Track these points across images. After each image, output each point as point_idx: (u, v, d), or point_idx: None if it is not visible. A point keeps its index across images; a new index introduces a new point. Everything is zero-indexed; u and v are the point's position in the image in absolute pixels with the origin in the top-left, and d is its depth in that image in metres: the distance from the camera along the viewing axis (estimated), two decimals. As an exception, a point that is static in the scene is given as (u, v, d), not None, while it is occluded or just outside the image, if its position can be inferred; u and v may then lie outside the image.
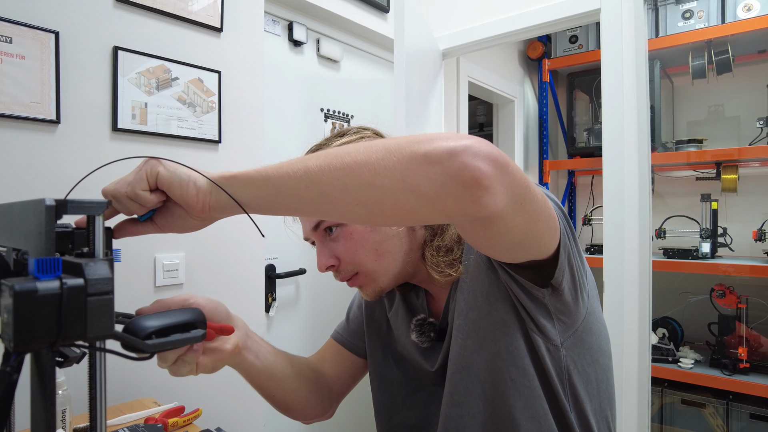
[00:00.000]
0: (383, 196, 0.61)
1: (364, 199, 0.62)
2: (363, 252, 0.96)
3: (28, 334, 0.52)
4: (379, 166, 0.60)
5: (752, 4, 2.19)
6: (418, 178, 0.58)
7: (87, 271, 0.56)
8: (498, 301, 0.89)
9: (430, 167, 0.58)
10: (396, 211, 0.62)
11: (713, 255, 2.53)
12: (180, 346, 0.70)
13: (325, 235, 0.97)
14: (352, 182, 0.62)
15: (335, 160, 0.63)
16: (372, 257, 0.96)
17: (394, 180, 0.59)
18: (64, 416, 1.17)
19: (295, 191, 0.67)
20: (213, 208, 0.78)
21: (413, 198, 0.60)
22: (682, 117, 2.89)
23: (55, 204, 0.59)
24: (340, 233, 0.95)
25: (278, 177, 0.69)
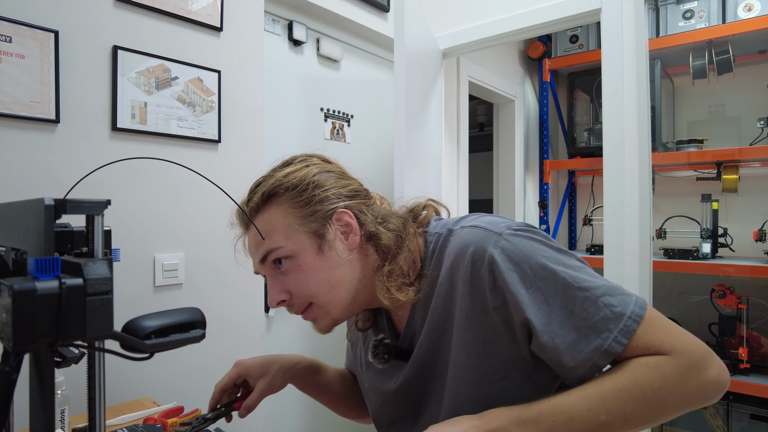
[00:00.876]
0: (660, 419, 0.77)
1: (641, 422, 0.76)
2: (314, 283, 0.93)
3: (27, 334, 0.52)
4: (670, 401, 0.76)
5: (753, 4, 2.19)
6: (696, 403, 0.78)
7: (86, 271, 0.56)
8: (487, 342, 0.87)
9: (707, 398, 0.79)
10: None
11: (714, 255, 2.53)
12: (179, 346, 0.69)
13: (274, 268, 0.95)
14: (644, 416, 0.76)
15: (632, 403, 0.75)
16: (324, 288, 0.93)
17: (677, 409, 0.77)
18: (63, 416, 1.17)
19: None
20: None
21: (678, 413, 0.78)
22: (682, 117, 2.89)
23: (54, 203, 0.59)
24: (290, 266, 0.93)
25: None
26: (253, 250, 0.98)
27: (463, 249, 0.87)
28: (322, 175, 0.98)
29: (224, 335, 2.01)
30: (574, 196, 4.16)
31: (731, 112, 2.71)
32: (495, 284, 0.82)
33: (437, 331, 0.93)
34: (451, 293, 0.89)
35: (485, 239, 0.85)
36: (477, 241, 0.86)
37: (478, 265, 0.84)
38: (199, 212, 1.92)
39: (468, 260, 0.85)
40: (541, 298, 0.79)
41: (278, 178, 0.96)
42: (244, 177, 2.07)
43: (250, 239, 0.98)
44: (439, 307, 0.91)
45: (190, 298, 1.90)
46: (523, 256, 0.81)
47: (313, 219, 0.93)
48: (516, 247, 0.82)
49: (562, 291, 0.79)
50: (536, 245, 0.82)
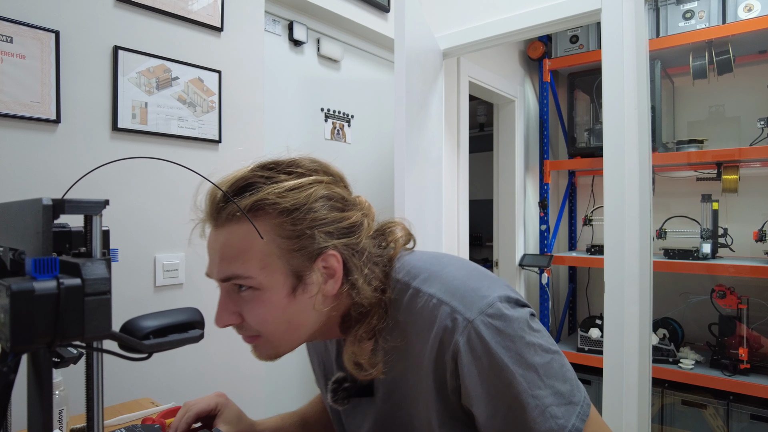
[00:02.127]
0: None
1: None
2: (273, 321, 0.84)
3: (25, 334, 0.52)
4: None
5: (753, 4, 2.19)
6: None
7: (84, 271, 0.56)
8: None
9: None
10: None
11: (714, 255, 2.53)
12: (178, 346, 0.69)
13: (233, 288, 0.86)
14: None
15: None
16: (282, 328, 0.85)
17: None
18: (61, 417, 1.17)
19: None
20: None
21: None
22: (682, 117, 2.89)
23: (53, 203, 0.59)
24: (252, 296, 0.83)
25: None
26: (215, 257, 0.86)
27: (430, 326, 0.82)
28: (323, 204, 0.86)
29: (223, 335, 2.01)
30: (574, 196, 4.16)
31: (731, 112, 2.71)
32: (455, 371, 0.80)
33: (402, 388, 0.88)
34: (417, 361, 0.84)
35: (454, 325, 0.79)
36: (445, 324, 0.80)
37: (443, 349, 0.80)
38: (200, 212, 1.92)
39: (434, 341, 0.81)
40: (493, 394, 0.78)
41: (274, 193, 0.83)
42: (244, 177, 2.07)
43: (218, 241, 0.85)
44: (405, 368, 0.87)
45: (191, 298, 1.90)
46: (485, 352, 0.77)
47: (297, 255, 0.83)
48: (482, 339, 0.78)
49: (514, 397, 0.77)
50: (503, 341, 0.78)
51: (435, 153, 2.62)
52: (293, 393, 2.54)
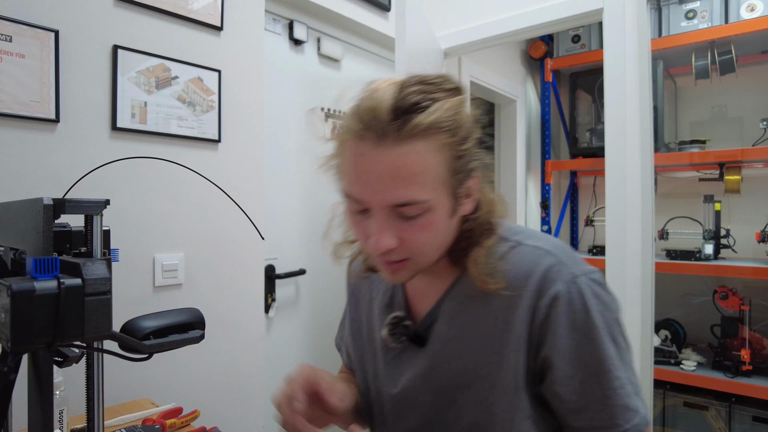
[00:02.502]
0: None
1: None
2: (433, 244, 0.81)
3: (25, 334, 0.52)
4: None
5: (755, 4, 2.19)
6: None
7: (85, 271, 0.56)
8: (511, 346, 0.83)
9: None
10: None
11: (716, 256, 2.52)
12: (178, 346, 0.69)
13: (399, 213, 0.77)
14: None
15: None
16: (435, 250, 0.83)
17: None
18: (61, 417, 1.17)
19: None
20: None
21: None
22: (685, 117, 2.89)
23: (53, 203, 0.59)
24: (421, 220, 0.77)
25: None
26: (385, 179, 0.75)
27: (529, 272, 0.82)
28: (473, 123, 0.82)
29: (224, 336, 2.01)
30: (576, 196, 4.16)
31: (734, 112, 2.71)
32: (546, 319, 0.80)
33: (470, 339, 0.87)
34: (504, 310, 0.84)
35: (559, 273, 0.81)
36: (548, 270, 0.82)
37: (540, 294, 0.81)
38: (199, 212, 1.91)
39: (533, 286, 0.81)
40: (578, 353, 0.79)
41: (446, 110, 0.76)
42: (244, 177, 2.07)
43: (388, 162, 0.74)
44: (482, 317, 0.86)
45: (190, 298, 1.89)
46: (583, 308, 0.79)
47: (458, 176, 0.79)
48: (582, 295, 0.80)
49: (599, 361, 0.79)
50: (599, 306, 0.80)
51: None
52: (294, 393, 2.53)
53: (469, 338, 0.86)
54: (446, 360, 0.88)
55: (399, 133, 0.73)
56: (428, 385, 0.90)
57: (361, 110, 0.76)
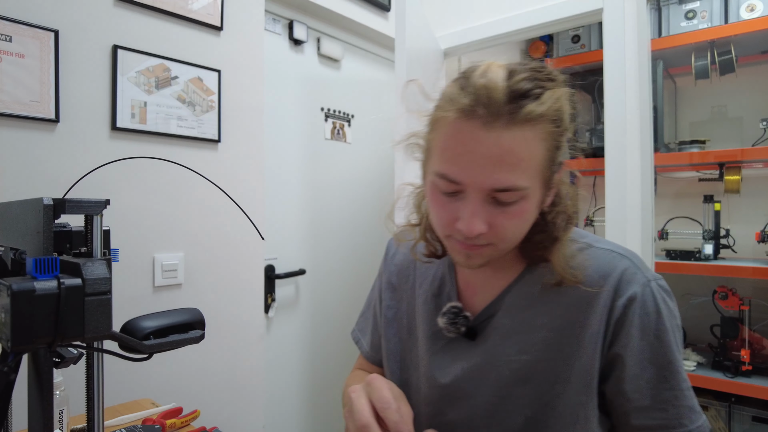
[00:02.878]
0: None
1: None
2: (521, 232, 0.81)
3: (25, 334, 0.52)
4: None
5: (755, 4, 2.19)
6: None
7: (85, 271, 0.56)
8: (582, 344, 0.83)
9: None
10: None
11: (716, 256, 2.52)
12: (178, 346, 0.69)
13: (495, 197, 0.75)
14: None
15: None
16: (517, 238, 0.82)
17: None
18: (61, 417, 1.17)
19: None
20: None
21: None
22: (684, 118, 2.88)
23: (53, 203, 0.59)
24: (517, 208, 0.76)
25: None
26: (493, 162, 0.73)
27: (606, 273, 0.84)
28: (571, 116, 0.81)
29: (223, 336, 2.01)
30: (575, 196, 4.15)
31: (734, 112, 2.71)
32: (621, 318, 0.81)
33: (535, 334, 0.86)
34: (584, 310, 0.83)
35: (634, 276, 0.83)
36: (625, 272, 0.83)
37: (617, 295, 0.82)
38: (199, 212, 1.91)
39: (610, 286, 0.82)
40: (647, 353, 0.80)
41: (555, 100, 0.74)
42: (243, 177, 2.07)
43: (499, 146, 0.72)
44: (561, 314, 0.85)
45: (190, 298, 1.89)
46: (656, 311, 0.81)
47: (552, 167, 0.79)
48: (655, 300, 0.81)
49: (668, 362, 0.80)
50: (668, 311, 0.82)
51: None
52: (293, 393, 2.54)
53: (533, 333, 0.86)
54: (506, 354, 0.87)
55: (511, 117, 0.71)
56: (483, 378, 0.88)
57: (474, 87, 0.73)
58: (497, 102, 0.70)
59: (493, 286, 0.92)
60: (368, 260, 2.92)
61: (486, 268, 0.90)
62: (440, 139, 0.78)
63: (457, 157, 0.75)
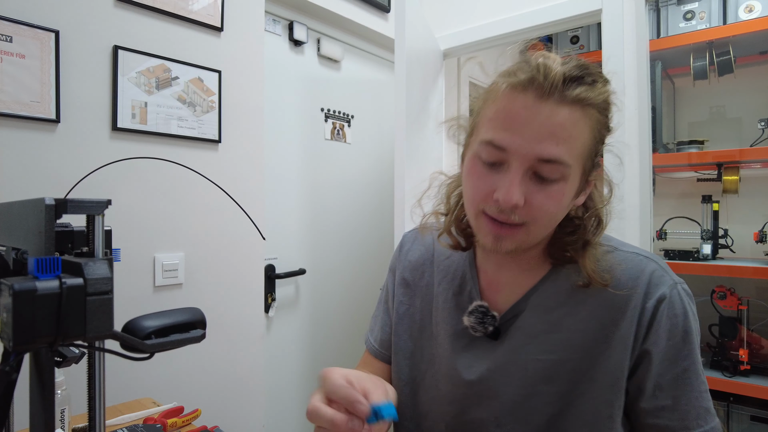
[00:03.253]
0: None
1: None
2: (554, 216, 0.81)
3: (27, 334, 0.52)
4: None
5: (754, 5, 2.19)
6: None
7: (86, 271, 0.56)
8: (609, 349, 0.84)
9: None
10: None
11: (714, 256, 2.52)
12: (179, 346, 0.69)
13: (536, 172, 0.77)
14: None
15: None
16: (551, 225, 0.83)
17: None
18: (63, 416, 1.17)
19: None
20: None
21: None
22: (683, 118, 2.88)
23: (55, 203, 0.59)
24: (557, 188, 0.77)
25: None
26: (544, 132, 0.75)
27: (635, 275, 0.85)
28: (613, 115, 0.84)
29: (224, 335, 2.01)
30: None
31: (732, 113, 2.71)
32: (651, 320, 0.82)
33: (560, 334, 0.86)
34: (615, 311, 0.84)
35: (662, 278, 0.85)
36: (653, 274, 0.85)
37: (647, 297, 0.83)
38: (200, 212, 1.92)
39: (641, 288, 0.84)
40: (672, 353, 0.82)
41: (604, 92, 0.79)
42: (244, 177, 2.07)
43: (553, 118, 0.75)
44: (590, 315, 0.85)
45: (190, 298, 1.90)
46: (683, 313, 0.82)
47: (593, 159, 0.81)
48: (683, 302, 0.83)
49: (692, 363, 0.82)
50: (692, 314, 0.84)
51: (435, 154, 2.61)
52: (293, 392, 2.54)
53: (559, 334, 0.86)
54: (531, 353, 0.87)
55: (564, 96, 0.74)
56: (508, 377, 0.88)
57: (534, 64, 0.76)
58: (553, 79, 0.74)
59: (518, 285, 0.92)
60: (368, 260, 2.93)
61: (511, 267, 0.92)
62: (491, 111, 0.80)
63: (508, 123, 0.77)
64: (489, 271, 0.96)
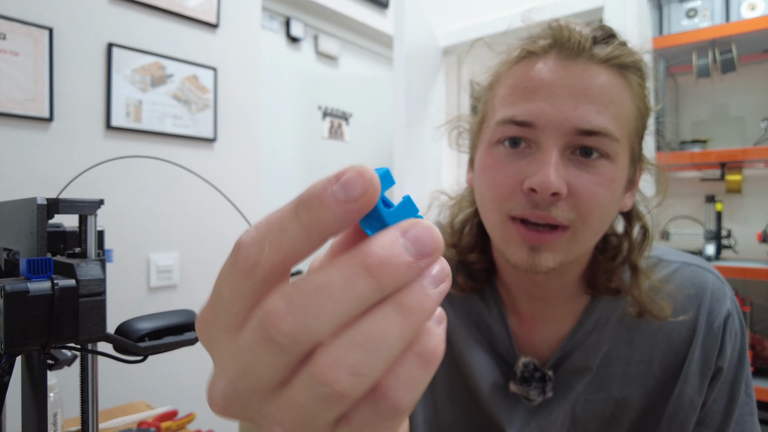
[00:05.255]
0: None
1: None
2: (604, 211, 0.62)
3: (19, 336, 0.52)
4: None
5: (756, 3, 2.18)
6: None
7: (79, 272, 0.55)
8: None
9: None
10: None
11: (717, 257, 2.52)
12: (173, 348, 0.68)
13: (577, 152, 0.61)
14: None
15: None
16: (604, 223, 0.64)
17: None
18: (55, 419, 1.15)
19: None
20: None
21: None
22: (686, 117, 2.88)
23: (47, 203, 0.58)
24: (599, 167, 0.60)
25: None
26: (580, 97, 0.59)
27: (699, 294, 0.71)
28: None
29: (221, 336, 2.00)
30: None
31: (735, 111, 2.70)
32: (721, 341, 0.69)
33: (630, 370, 0.71)
34: (678, 338, 0.70)
35: (723, 291, 0.72)
36: (714, 290, 0.71)
37: (711, 318, 0.70)
38: (195, 212, 1.90)
39: (706, 310, 0.70)
40: (731, 377, 0.71)
41: (636, 54, 0.65)
42: (240, 176, 2.05)
43: (586, 80, 0.60)
44: (649, 345, 0.71)
45: (185, 299, 1.88)
46: (741, 332, 0.72)
47: (639, 143, 0.66)
48: (740, 318, 0.72)
49: (745, 385, 0.71)
50: (744, 327, 0.73)
51: (434, 152, 2.60)
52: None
53: (618, 367, 0.72)
54: (586, 395, 0.72)
55: (594, 55, 0.60)
56: (558, 425, 0.72)
57: (554, 27, 0.63)
58: (579, 38, 0.61)
59: (557, 320, 0.75)
60: (366, 260, 2.92)
61: (545, 298, 0.74)
62: (504, 88, 0.65)
63: (528, 94, 0.61)
64: (518, 306, 0.76)
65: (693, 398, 0.69)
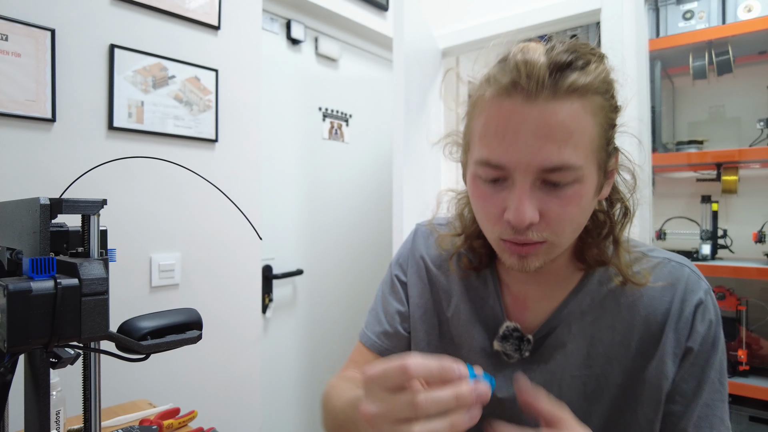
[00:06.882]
0: None
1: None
2: (577, 222, 0.73)
3: (22, 335, 0.52)
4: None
5: (753, 5, 2.18)
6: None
7: (82, 271, 0.56)
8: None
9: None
10: None
11: (713, 257, 2.52)
12: (175, 347, 0.69)
13: (546, 182, 0.69)
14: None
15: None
16: (574, 231, 0.75)
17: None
18: (58, 418, 1.16)
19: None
20: None
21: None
22: (682, 118, 2.88)
23: (50, 203, 0.58)
24: (569, 191, 0.69)
25: None
26: (540, 138, 0.66)
27: (675, 282, 0.80)
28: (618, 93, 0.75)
29: (220, 336, 2.00)
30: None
31: (731, 113, 2.70)
32: (691, 326, 0.78)
33: (611, 348, 0.81)
34: (654, 319, 0.79)
35: (697, 283, 0.80)
36: (688, 281, 0.80)
37: (684, 305, 0.79)
38: (196, 212, 1.91)
39: (680, 295, 0.79)
40: (700, 359, 0.78)
41: (601, 71, 0.69)
42: (241, 177, 2.06)
43: (545, 119, 0.66)
44: (627, 325, 0.80)
45: (187, 298, 1.89)
46: (716, 318, 0.79)
47: (606, 148, 0.73)
48: (715, 309, 0.80)
49: (714, 374, 0.78)
50: (720, 319, 0.81)
51: (434, 152, 2.61)
52: (290, 393, 2.53)
53: (596, 347, 0.81)
54: (567, 370, 0.81)
55: (555, 89, 0.65)
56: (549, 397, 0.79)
57: (513, 64, 0.67)
58: (539, 75, 0.65)
59: (547, 299, 0.85)
60: (366, 260, 2.92)
61: (538, 279, 0.85)
62: (479, 125, 0.72)
63: (500, 138, 0.68)
64: (513, 286, 0.88)
65: (666, 376, 0.77)
